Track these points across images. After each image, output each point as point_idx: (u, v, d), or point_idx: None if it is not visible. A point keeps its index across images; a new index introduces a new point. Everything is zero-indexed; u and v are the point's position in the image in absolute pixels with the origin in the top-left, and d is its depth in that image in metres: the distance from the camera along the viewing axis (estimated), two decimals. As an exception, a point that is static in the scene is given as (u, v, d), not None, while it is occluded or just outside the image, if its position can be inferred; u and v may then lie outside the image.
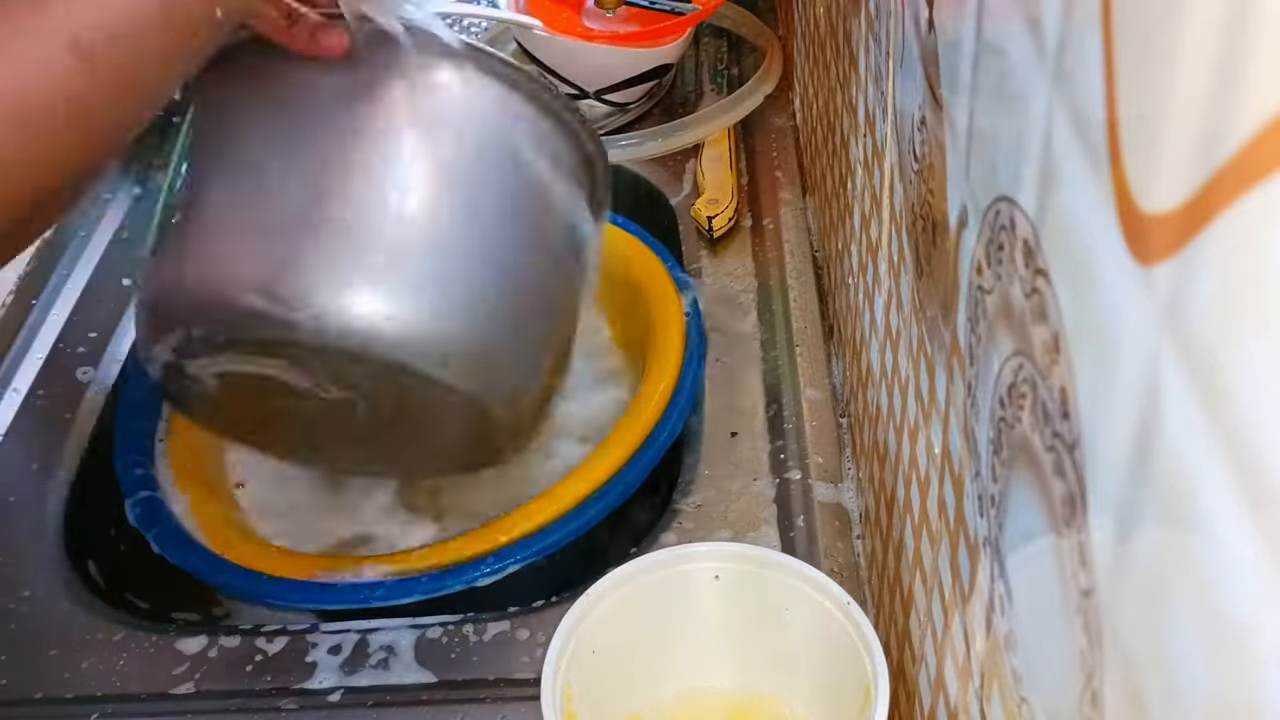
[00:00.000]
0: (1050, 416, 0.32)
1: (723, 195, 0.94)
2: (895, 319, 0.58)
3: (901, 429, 0.57)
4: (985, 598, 0.41)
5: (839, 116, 0.76)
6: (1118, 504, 0.28)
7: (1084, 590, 0.30)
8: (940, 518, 0.48)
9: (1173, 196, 0.23)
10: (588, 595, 0.58)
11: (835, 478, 0.75)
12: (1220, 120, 0.21)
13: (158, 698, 0.65)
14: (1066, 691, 0.32)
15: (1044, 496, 0.33)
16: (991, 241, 0.38)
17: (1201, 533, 0.23)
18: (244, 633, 0.68)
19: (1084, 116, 0.29)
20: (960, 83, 0.42)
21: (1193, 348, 0.23)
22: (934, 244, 0.47)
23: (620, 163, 0.99)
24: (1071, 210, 0.30)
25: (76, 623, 0.70)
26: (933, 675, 0.51)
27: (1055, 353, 0.32)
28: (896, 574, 0.59)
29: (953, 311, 0.44)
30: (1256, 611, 0.21)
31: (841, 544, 0.70)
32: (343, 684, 0.65)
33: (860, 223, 0.69)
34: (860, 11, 0.66)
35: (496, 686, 0.65)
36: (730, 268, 0.91)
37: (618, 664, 0.59)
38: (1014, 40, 0.35)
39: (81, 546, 0.76)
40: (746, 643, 0.61)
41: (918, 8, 0.49)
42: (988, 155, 0.39)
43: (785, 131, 1.03)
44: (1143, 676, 0.27)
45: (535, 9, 1.03)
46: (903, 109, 0.54)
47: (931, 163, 0.47)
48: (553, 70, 1.03)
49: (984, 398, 0.39)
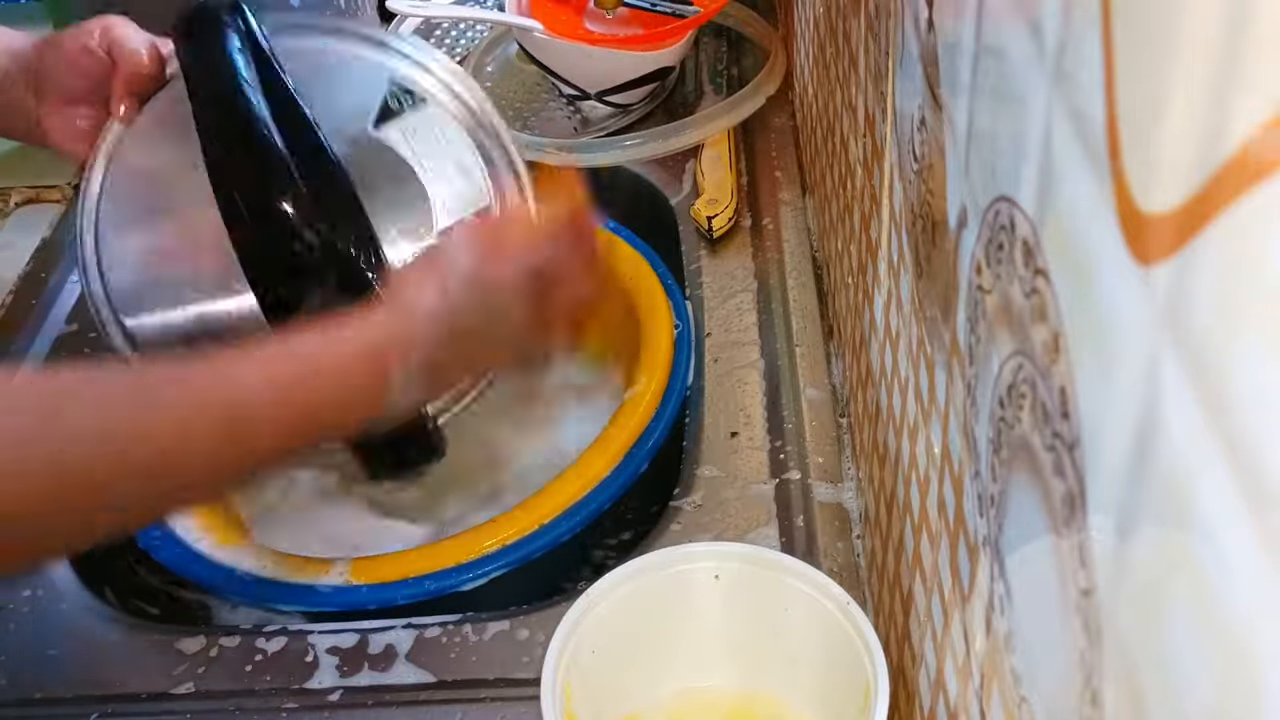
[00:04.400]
0: (1050, 416, 0.32)
1: (722, 195, 0.94)
2: (895, 319, 0.58)
3: (901, 429, 0.57)
4: (985, 598, 0.41)
5: (839, 116, 0.76)
6: (1117, 504, 0.28)
7: (1083, 590, 0.30)
8: (940, 518, 0.48)
9: (1172, 196, 0.23)
10: (588, 595, 0.58)
11: (835, 478, 0.75)
12: (1220, 120, 0.21)
13: (158, 698, 0.65)
14: (1066, 691, 0.32)
15: (1044, 496, 0.33)
16: (991, 241, 0.38)
17: (1201, 533, 0.23)
18: (244, 633, 0.68)
19: (1084, 116, 0.29)
20: (960, 83, 0.42)
21: (1192, 347, 0.23)
22: (934, 244, 0.47)
23: (620, 163, 0.99)
24: (1071, 210, 0.30)
25: (77, 623, 0.70)
26: (933, 675, 0.51)
27: (1055, 353, 0.32)
28: (896, 574, 0.59)
29: (952, 311, 0.44)
30: (1256, 611, 0.21)
31: (841, 544, 0.70)
32: (342, 684, 0.65)
33: (860, 223, 0.69)
34: (860, 11, 0.66)
35: (496, 686, 0.65)
36: (730, 268, 0.91)
37: (618, 664, 0.59)
38: (1014, 40, 0.35)
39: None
40: (746, 643, 0.61)
41: (918, 8, 0.49)
42: (987, 155, 0.39)
43: (785, 131, 1.03)
44: (1142, 676, 0.27)
45: (537, 12, 1.03)
46: (902, 109, 0.54)
47: (931, 163, 0.47)
48: (555, 72, 1.03)
49: (984, 398, 0.39)
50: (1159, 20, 0.24)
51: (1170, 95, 0.23)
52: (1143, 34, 0.25)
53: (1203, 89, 0.22)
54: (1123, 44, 0.26)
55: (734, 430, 0.78)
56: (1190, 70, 0.22)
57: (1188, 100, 0.23)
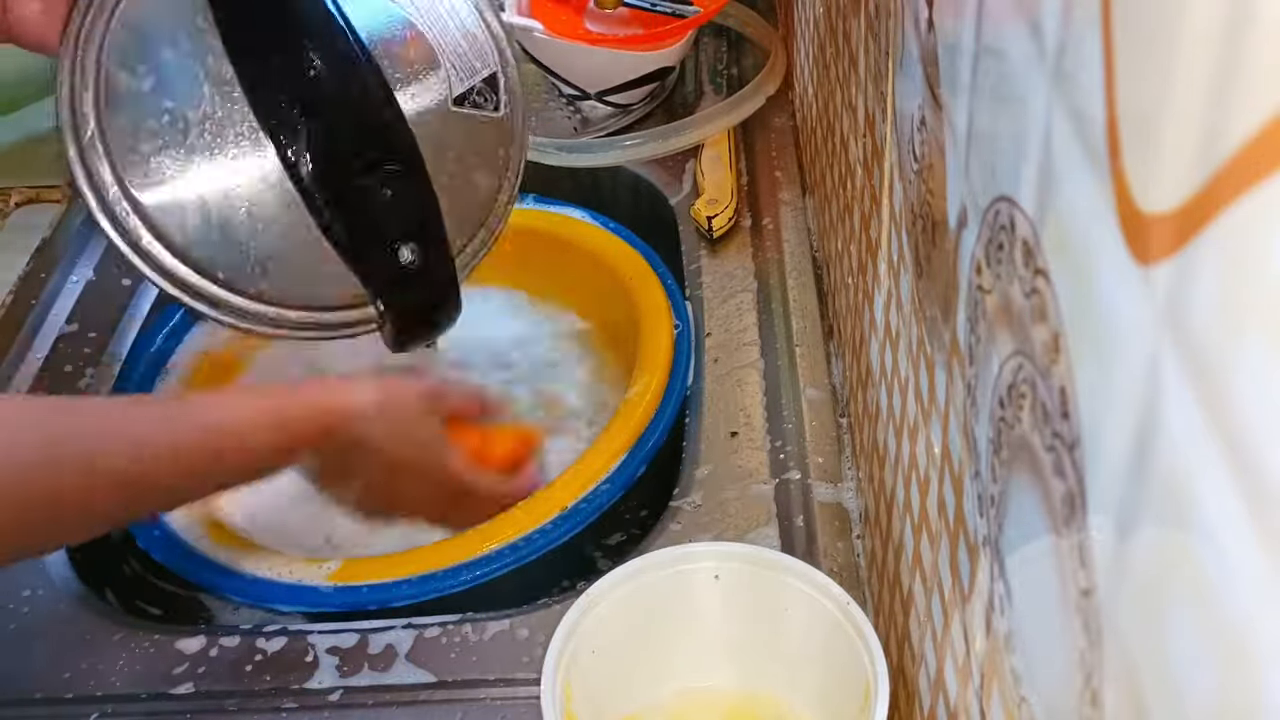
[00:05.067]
0: (1050, 416, 0.32)
1: (722, 195, 0.94)
2: (895, 319, 0.58)
3: (901, 429, 0.57)
4: (985, 598, 0.41)
5: (839, 116, 0.76)
6: (1117, 504, 0.28)
7: (1084, 590, 0.30)
8: (940, 518, 0.48)
9: (1172, 196, 0.23)
10: (588, 595, 0.58)
11: (835, 478, 0.75)
12: (1220, 120, 0.21)
13: (158, 698, 0.65)
14: (1066, 691, 0.32)
15: (1044, 496, 0.33)
16: (991, 241, 0.38)
17: (1201, 533, 0.23)
18: (244, 633, 0.68)
19: (1084, 116, 0.29)
20: (960, 83, 0.42)
21: (1192, 347, 0.23)
22: (934, 244, 0.47)
23: (620, 163, 0.99)
24: (1071, 210, 0.30)
25: (76, 623, 0.70)
26: (933, 675, 0.51)
27: (1055, 353, 0.32)
28: (896, 574, 0.59)
29: (952, 311, 0.44)
30: (1256, 612, 0.21)
31: (841, 544, 0.70)
32: (342, 684, 0.65)
33: (860, 223, 0.69)
34: (860, 11, 0.66)
35: (496, 686, 0.65)
36: (730, 268, 0.91)
37: (618, 664, 0.59)
38: (1014, 40, 0.35)
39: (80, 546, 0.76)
40: (746, 643, 0.61)
41: (918, 8, 0.49)
42: (987, 155, 0.39)
43: (785, 131, 1.03)
44: (1142, 676, 0.27)
45: (538, 12, 1.03)
46: (902, 109, 0.54)
47: (931, 163, 0.47)
48: (555, 72, 1.03)
49: (984, 398, 0.39)
50: (1159, 20, 0.24)
51: (1170, 95, 0.23)
52: (1143, 34, 0.25)
53: (1203, 89, 0.22)
54: (1123, 44, 0.26)
55: (734, 430, 0.78)
56: (1190, 70, 0.22)
57: (1188, 100, 0.23)
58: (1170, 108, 0.23)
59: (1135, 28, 0.25)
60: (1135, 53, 0.25)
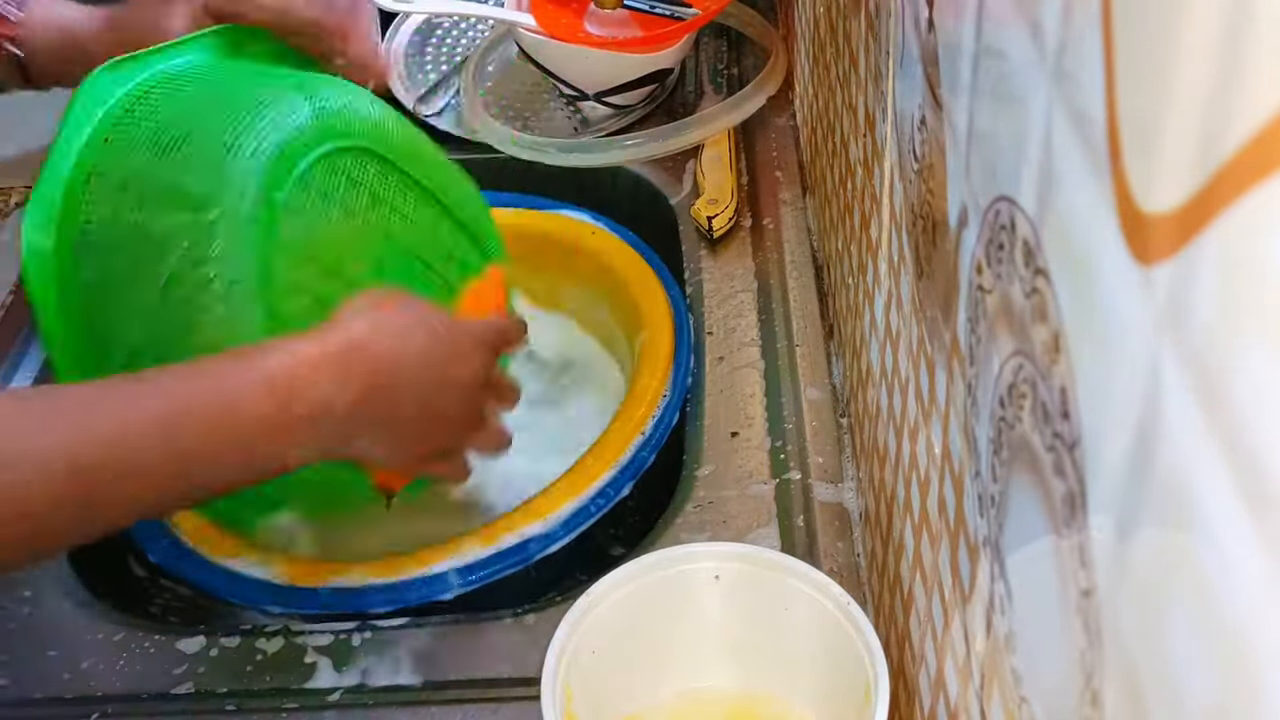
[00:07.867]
0: (1050, 416, 0.32)
1: (722, 195, 0.94)
2: (895, 319, 0.58)
3: (901, 429, 0.57)
4: (985, 598, 0.41)
5: (839, 116, 0.76)
6: (1118, 504, 0.28)
7: (1084, 590, 0.30)
8: (940, 518, 0.48)
9: (1173, 196, 0.23)
10: (588, 595, 0.58)
11: (835, 478, 0.75)
12: (1220, 120, 0.21)
13: (158, 698, 0.65)
14: (1066, 691, 0.32)
15: (1044, 496, 0.33)
16: (991, 241, 0.38)
17: (1201, 533, 0.23)
18: (244, 633, 0.68)
19: (1084, 116, 0.29)
20: (960, 83, 0.42)
21: (1193, 347, 0.23)
22: (934, 244, 0.47)
23: (620, 163, 0.99)
24: (1071, 210, 0.30)
25: (76, 623, 0.70)
26: (933, 675, 0.51)
27: (1055, 353, 0.32)
28: (896, 574, 0.59)
29: (953, 311, 0.44)
30: (1256, 612, 0.21)
31: (841, 544, 0.70)
32: (342, 684, 0.65)
33: (860, 223, 0.69)
34: (860, 11, 0.66)
35: (496, 686, 0.65)
36: (730, 268, 0.91)
37: (618, 664, 0.59)
38: (1014, 41, 0.35)
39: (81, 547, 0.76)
40: (746, 643, 0.61)
41: (918, 8, 0.49)
42: (988, 155, 0.39)
43: (785, 131, 1.03)
44: (1142, 676, 0.27)
45: (538, 14, 1.03)
46: (902, 109, 0.54)
47: (931, 163, 0.47)
48: (554, 73, 1.03)
49: (984, 398, 0.39)
50: (1159, 20, 0.24)
51: (1171, 95, 0.23)
52: (1143, 34, 0.25)
53: (1203, 89, 0.22)
54: (1123, 44, 0.26)
55: (734, 430, 0.78)
56: (1191, 70, 0.22)
57: (1188, 100, 0.23)
58: (1171, 108, 0.23)
59: (1135, 28, 0.25)
60: (1135, 53, 0.25)
